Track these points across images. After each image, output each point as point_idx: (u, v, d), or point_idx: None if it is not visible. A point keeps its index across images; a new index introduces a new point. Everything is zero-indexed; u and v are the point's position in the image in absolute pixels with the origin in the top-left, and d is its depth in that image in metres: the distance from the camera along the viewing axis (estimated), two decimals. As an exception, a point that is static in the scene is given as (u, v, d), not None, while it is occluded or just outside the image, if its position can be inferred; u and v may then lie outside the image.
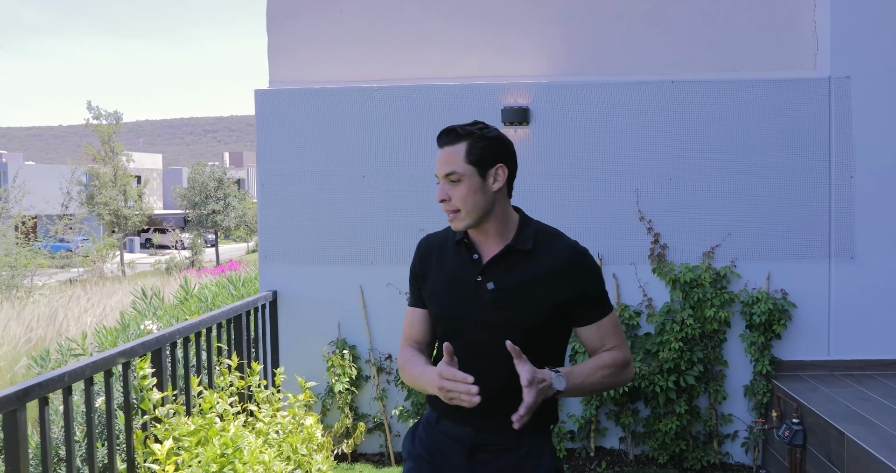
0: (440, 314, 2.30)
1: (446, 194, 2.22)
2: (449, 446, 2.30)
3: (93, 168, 34.75)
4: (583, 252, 2.23)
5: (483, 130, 2.23)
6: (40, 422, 2.91)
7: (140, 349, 3.56)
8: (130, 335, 6.75)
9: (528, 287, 2.18)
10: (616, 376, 2.22)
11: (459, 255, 2.29)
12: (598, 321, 2.23)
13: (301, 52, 5.60)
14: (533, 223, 2.29)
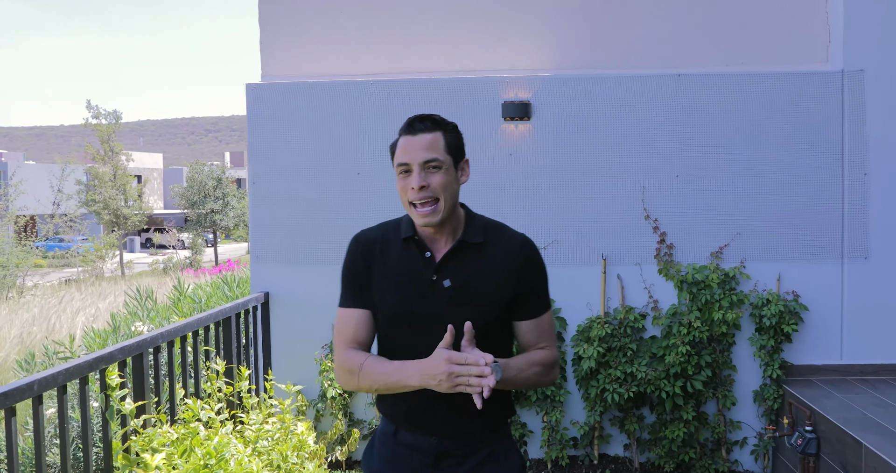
0: (392, 314, 2.18)
1: (425, 180, 2.12)
2: (411, 457, 2.22)
3: (92, 168, 34.58)
4: (532, 246, 2.23)
5: (451, 123, 2.22)
6: (6, 435, 2.72)
7: (119, 354, 3.37)
8: (121, 337, 6.56)
9: (482, 282, 2.15)
10: (545, 375, 2.19)
11: (408, 253, 2.21)
12: (539, 316, 2.21)
13: (294, 45, 5.41)
14: (479, 217, 2.26)
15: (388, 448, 2.28)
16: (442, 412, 2.03)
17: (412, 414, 2.20)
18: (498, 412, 2.23)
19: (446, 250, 2.18)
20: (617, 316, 5.08)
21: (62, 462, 3.04)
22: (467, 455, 2.20)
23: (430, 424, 2.18)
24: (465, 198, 5.17)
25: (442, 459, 2.20)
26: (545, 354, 2.20)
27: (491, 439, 2.22)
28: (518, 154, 5.17)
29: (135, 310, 7.48)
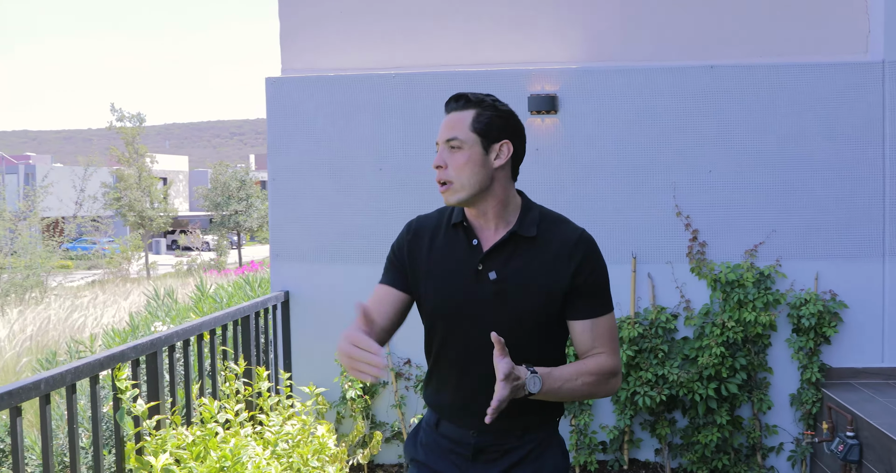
0: (435, 305, 2.12)
1: (443, 160, 2.06)
2: (451, 449, 2.19)
3: (118, 170, 34.77)
4: (590, 240, 2.10)
5: (495, 102, 2.09)
6: (11, 434, 2.61)
7: (132, 353, 3.26)
8: (140, 337, 6.48)
9: (531, 277, 2.05)
10: (599, 385, 2.05)
11: (455, 239, 2.13)
12: (595, 317, 2.07)
13: (314, 39, 5.29)
14: (536, 208, 2.14)
15: (430, 437, 2.24)
16: (482, 406, 1.91)
17: (454, 406, 2.15)
18: (540, 412, 2.11)
19: (496, 241, 2.08)
20: (647, 316, 4.91)
21: (72, 463, 2.93)
22: (506, 452, 2.13)
23: (469, 417, 2.11)
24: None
25: (479, 454, 2.14)
26: (600, 361, 2.05)
27: (532, 438, 2.14)
28: (544, 149, 5.02)
29: (155, 310, 7.41)
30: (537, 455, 2.15)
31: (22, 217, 22.25)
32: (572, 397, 2.03)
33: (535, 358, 2.00)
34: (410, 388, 5.13)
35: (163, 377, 3.50)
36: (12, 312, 10.18)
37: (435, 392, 2.22)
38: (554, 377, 1.96)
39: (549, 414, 2.16)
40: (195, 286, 8.05)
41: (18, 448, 2.61)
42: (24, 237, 19.78)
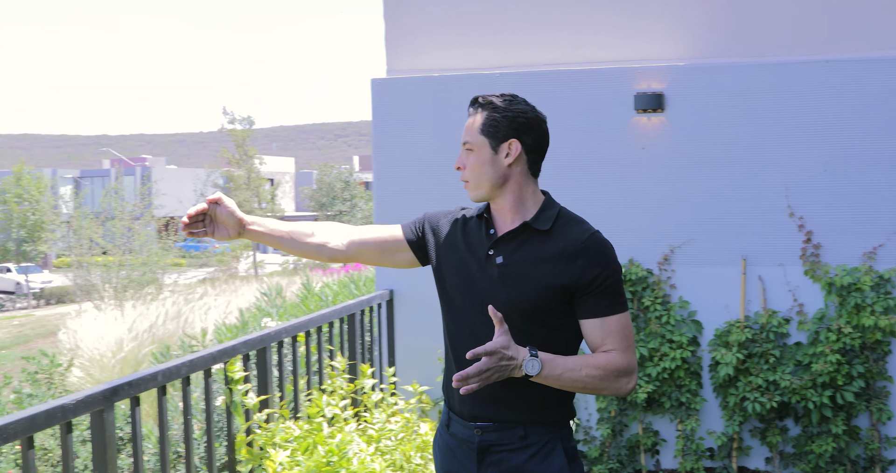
0: (449, 286, 2.24)
1: (461, 162, 2.20)
2: (459, 449, 2.24)
3: (228, 171, 35.89)
4: (601, 240, 2.14)
5: (506, 102, 2.17)
6: (131, 423, 2.72)
7: (242, 348, 3.35)
8: (250, 333, 6.66)
9: (535, 266, 2.11)
10: (606, 380, 2.06)
11: (478, 229, 2.24)
12: (604, 316, 2.09)
13: (419, 40, 5.34)
14: (557, 207, 2.21)
15: (442, 438, 2.31)
16: (484, 391, 2.01)
17: (455, 394, 2.19)
18: (544, 411, 2.14)
19: (508, 230, 2.17)
20: (758, 320, 4.77)
21: (186, 453, 3.03)
22: (512, 452, 2.15)
23: (471, 403, 2.16)
24: (594, 192, 4.96)
25: (485, 454, 2.17)
26: (609, 358, 2.07)
27: (536, 440, 2.14)
28: (651, 148, 4.93)
29: (264, 307, 7.61)
30: (541, 459, 2.14)
31: (137, 216, 23.22)
32: (574, 387, 2.06)
33: (536, 347, 2.02)
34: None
35: (271, 372, 3.59)
36: (130, 307, 10.64)
37: (445, 379, 2.32)
38: (556, 363, 2.00)
39: (553, 415, 2.16)
40: (301, 284, 8.23)
41: (137, 436, 2.72)
42: (141, 236, 20.65)
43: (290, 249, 2.41)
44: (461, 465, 2.23)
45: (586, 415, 5.07)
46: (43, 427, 2.28)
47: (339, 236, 2.39)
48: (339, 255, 2.40)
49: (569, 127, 5.00)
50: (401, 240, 2.35)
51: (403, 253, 2.36)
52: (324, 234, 2.38)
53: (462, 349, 2.17)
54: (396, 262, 2.40)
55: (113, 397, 2.55)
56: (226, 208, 2.30)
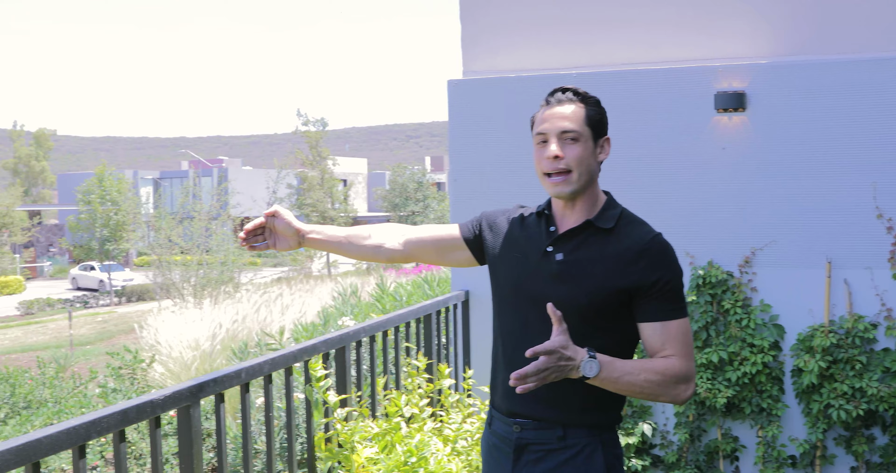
0: (503, 283, 2.22)
1: (561, 151, 2.10)
2: (498, 449, 2.21)
3: (302, 172, 36.45)
4: (664, 242, 2.11)
5: (597, 100, 2.20)
6: (216, 418, 2.78)
7: (322, 346, 3.40)
8: (328, 332, 6.76)
9: (595, 265, 2.08)
10: (663, 387, 2.02)
11: (537, 227, 2.21)
12: (665, 320, 2.05)
13: (495, 41, 5.34)
14: (619, 207, 2.19)
15: (485, 437, 2.30)
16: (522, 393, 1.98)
17: (504, 388, 2.17)
18: (584, 412, 2.10)
19: (571, 227, 2.15)
20: (843, 325, 4.63)
21: (268, 450, 3.09)
22: (549, 452, 2.11)
23: (515, 401, 2.13)
24: (672, 193, 4.89)
25: (522, 453, 2.14)
26: (668, 363, 2.03)
27: (575, 441, 2.10)
28: (731, 148, 4.83)
29: (341, 306, 7.70)
30: (580, 462, 2.09)
31: (214, 216, 23.74)
32: (631, 392, 2.01)
33: (593, 348, 1.99)
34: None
35: (350, 371, 3.64)
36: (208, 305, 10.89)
37: (493, 376, 2.28)
38: (615, 366, 1.96)
39: (595, 418, 2.11)
40: (376, 284, 8.31)
41: (221, 432, 2.79)
42: (218, 235, 21.11)
43: (349, 253, 2.46)
44: (498, 464, 2.20)
45: (663, 419, 5.00)
46: (134, 421, 2.35)
47: (396, 236, 2.42)
48: (396, 255, 2.43)
49: (646, 127, 4.94)
50: (457, 238, 2.36)
51: (460, 252, 2.37)
52: (380, 235, 2.42)
53: (513, 346, 2.17)
54: (454, 261, 2.42)
55: (199, 393, 2.62)
56: (283, 220, 2.37)
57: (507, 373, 2.14)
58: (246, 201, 35.04)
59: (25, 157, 74.81)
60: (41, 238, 48.78)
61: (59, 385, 8.15)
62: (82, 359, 16.77)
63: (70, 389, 8.20)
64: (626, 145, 4.96)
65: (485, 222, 2.35)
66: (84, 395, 7.96)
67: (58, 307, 32.52)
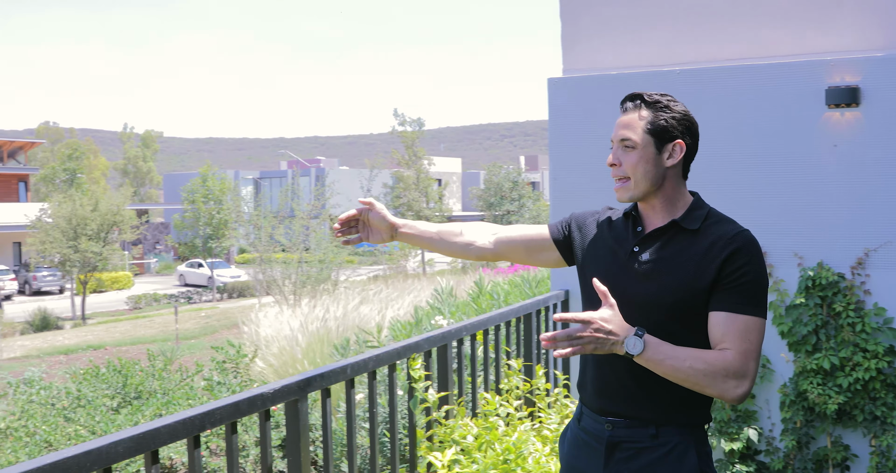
0: (586, 279, 2.24)
1: (617, 158, 2.16)
2: (588, 444, 2.22)
3: (397, 172, 36.84)
4: (749, 237, 2.10)
5: (671, 102, 2.17)
6: (322, 413, 2.84)
7: (425, 344, 3.42)
8: (423, 330, 6.81)
9: (680, 264, 2.10)
10: (710, 377, 1.98)
11: (624, 227, 2.25)
12: (732, 312, 2.03)
13: (595, 38, 5.28)
14: (706, 207, 2.20)
15: (572, 432, 2.31)
16: (620, 388, 2.11)
17: (594, 387, 2.21)
18: (676, 408, 2.11)
19: (656, 227, 2.18)
20: (965, 330, 4.41)
21: (371, 445, 3.13)
22: (641, 450, 2.12)
23: (606, 399, 2.17)
24: (781, 192, 4.75)
25: (614, 450, 2.15)
26: (721, 355, 2.00)
27: (667, 440, 2.11)
28: (844, 145, 4.65)
29: (437, 305, 7.74)
30: (673, 460, 2.09)
31: (314, 215, 24.22)
32: (676, 378, 2.00)
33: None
34: (690, 394, 4.97)
35: (451, 369, 3.65)
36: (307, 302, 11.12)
37: (582, 373, 2.31)
38: (662, 348, 1.98)
39: (685, 417, 2.12)
40: (473, 283, 8.32)
41: (328, 426, 2.84)
42: (318, 234, 21.54)
43: (439, 249, 2.52)
44: (588, 460, 2.21)
45: (769, 425, 4.86)
46: (245, 413, 2.41)
47: (487, 234, 2.47)
48: (486, 253, 2.47)
49: (753, 124, 4.81)
50: (547, 239, 2.40)
51: (549, 252, 2.40)
52: (472, 233, 2.47)
53: None
54: (542, 261, 2.45)
55: (307, 387, 2.67)
56: (378, 213, 2.45)
57: (596, 372, 2.21)
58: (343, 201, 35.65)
59: (134, 158, 77.87)
60: (148, 236, 50.66)
61: (167, 377, 8.44)
62: (187, 353, 17.35)
63: (177, 381, 8.47)
64: (732, 142, 4.85)
65: (574, 224, 2.39)
66: (190, 387, 8.23)
67: (163, 302, 33.76)
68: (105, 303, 35.24)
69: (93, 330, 26.12)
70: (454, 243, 2.48)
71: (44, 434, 6.96)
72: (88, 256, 30.38)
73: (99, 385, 8.13)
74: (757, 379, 4.63)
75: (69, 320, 30.24)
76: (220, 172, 40.53)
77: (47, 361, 19.04)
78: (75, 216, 30.80)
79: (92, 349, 21.15)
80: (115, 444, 2.00)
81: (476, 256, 2.49)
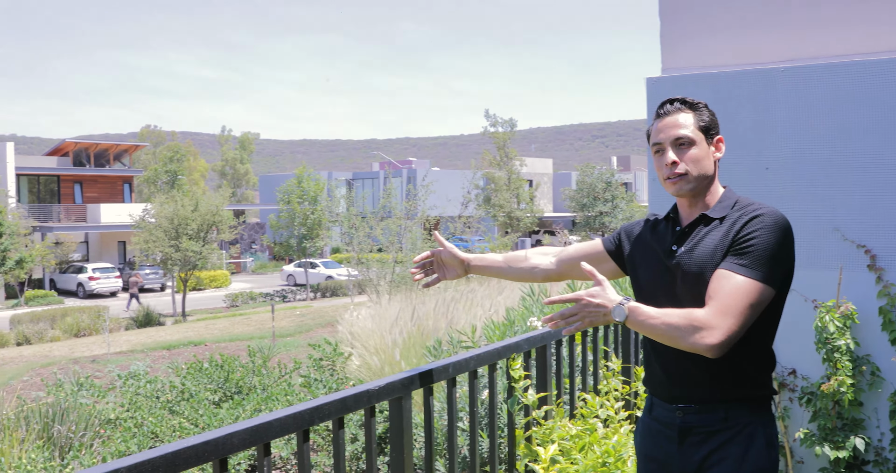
0: (640, 283, 2.40)
1: (676, 157, 2.31)
2: (661, 433, 2.33)
3: (489, 173, 36.88)
4: (771, 212, 2.21)
5: (703, 103, 2.43)
6: (424, 411, 2.88)
7: (525, 344, 3.44)
8: (516, 331, 6.81)
9: (707, 252, 2.22)
10: (679, 330, 2.12)
11: (666, 229, 2.40)
12: (727, 270, 2.15)
13: (696, 36, 5.19)
14: (735, 196, 2.34)
15: (644, 424, 2.44)
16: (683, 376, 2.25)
17: (661, 378, 2.33)
18: (737, 383, 2.23)
19: (688, 222, 2.34)
20: None
21: (471, 443, 3.15)
22: (712, 434, 2.23)
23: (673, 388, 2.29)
24: (887, 197, 4.59)
25: (686, 435, 2.26)
26: (693, 310, 2.14)
27: (735, 422, 2.22)
28: None
29: (530, 306, 7.74)
30: (741, 441, 2.20)
31: (411, 216, 24.47)
32: (654, 334, 2.17)
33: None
34: (795, 400, 4.84)
35: (550, 369, 3.65)
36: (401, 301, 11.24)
37: (647, 366, 2.43)
38: (641, 310, 2.15)
39: (750, 391, 2.23)
40: (566, 285, 8.27)
41: (430, 424, 2.88)
42: (414, 234, 21.74)
43: (509, 276, 2.74)
44: (662, 448, 2.33)
45: (878, 434, 4.69)
46: (352, 409, 2.47)
47: (549, 257, 2.68)
48: (551, 273, 2.67)
49: (864, 121, 4.65)
50: (602, 251, 2.57)
51: (606, 263, 2.56)
52: (535, 257, 2.69)
53: (653, 340, 2.29)
54: (602, 273, 2.51)
55: (410, 385, 2.71)
56: (448, 251, 2.69)
57: (659, 362, 2.35)
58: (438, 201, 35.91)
59: (231, 160, 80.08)
60: (244, 236, 52.01)
61: (265, 374, 8.66)
62: (283, 350, 17.75)
63: (275, 377, 8.69)
64: (839, 142, 4.70)
65: (623, 234, 2.55)
66: (288, 384, 8.42)
67: (259, 300, 34.61)
68: (203, 301, 36.39)
69: (193, 327, 27.00)
70: (521, 268, 2.69)
71: (150, 426, 7.23)
72: (189, 255, 31.38)
73: (201, 380, 8.41)
74: (865, 386, 4.49)
75: (170, 316, 31.33)
76: (315, 173, 41.30)
77: (151, 355, 19.77)
78: (177, 216, 31.87)
79: (192, 345, 21.86)
80: (231, 436, 2.08)
81: (542, 277, 2.70)
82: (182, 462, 1.94)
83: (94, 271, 38.73)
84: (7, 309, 33.79)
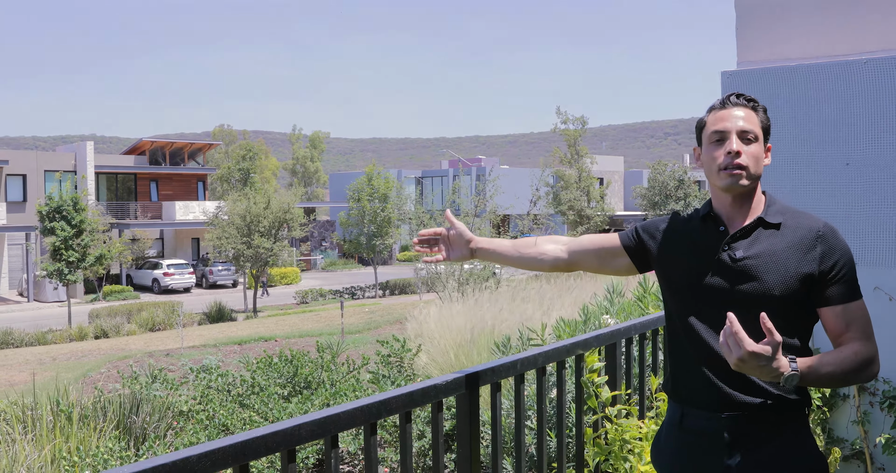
0: (679, 287, 2.29)
1: (741, 147, 2.21)
2: (699, 445, 2.23)
3: (559, 170, 36.64)
4: (834, 229, 2.22)
5: (765, 108, 2.37)
6: (492, 407, 2.86)
7: (594, 342, 3.38)
8: (589, 329, 6.73)
9: (777, 258, 2.17)
10: (856, 373, 2.10)
11: (704, 229, 2.30)
12: (847, 302, 2.15)
13: (773, 27, 5.05)
14: (780, 202, 2.30)
15: (674, 439, 2.31)
16: (730, 384, 2.15)
17: (703, 389, 2.22)
18: (785, 397, 2.17)
19: (742, 226, 2.23)
20: None
21: (538, 440, 3.12)
22: (761, 442, 2.17)
23: (718, 398, 2.19)
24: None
25: (736, 444, 2.18)
26: (856, 350, 2.11)
27: (788, 427, 2.18)
28: None
29: (603, 303, 7.65)
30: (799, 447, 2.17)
31: (478, 214, 24.47)
32: (830, 386, 2.25)
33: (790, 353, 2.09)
34: (876, 404, 4.67)
35: (620, 368, 3.59)
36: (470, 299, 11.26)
37: (680, 379, 2.32)
38: (813, 371, 2.04)
39: (798, 400, 2.19)
40: (638, 283, 8.16)
41: (497, 420, 2.86)
42: (483, 232, 21.74)
43: (516, 262, 2.67)
44: (700, 460, 2.23)
45: (965, 440, 4.49)
46: (419, 403, 2.46)
47: (559, 244, 2.60)
48: (560, 263, 2.59)
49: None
50: (617, 246, 2.48)
51: (620, 259, 2.48)
52: (545, 245, 2.60)
53: (706, 345, 2.21)
54: (614, 268, 2.53)
55: (478, 381, 2.69)
56: (458, 230, 2.63)
57: (704, 377, 2.23)
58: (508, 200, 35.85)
59: (302, 158, 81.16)
60: (315, 233, 52.69)
61: (334, 369, 8.74)
62: (352, 346, 17.92)
63: (344, 373, 8.76)
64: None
65: (643, 232, 2.46)
66: (356, 380, 8.48)
67: (328, 297, 35.03)
68: (274, 297, 36.98)
69: (263, 322, 27.47)
70: (529, 255, 2.62)
71: (221, 418, 7.36)
72: (261, 252, 31.92)
73: (271, 374, 8.53)
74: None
75: (241, 312, 31.92)
76: (385, 172, 41.59)
77: (223, 350, 20.18)
78: (249, 214, 32.45)
79: (263, 340, 22.24)
80: (299, 427, 2.09)
81: (550, 265, 2.61)
82: (251, 452, 1.95)
83: (168, 268, 39.69)
84: (86, 304, 34.88)
